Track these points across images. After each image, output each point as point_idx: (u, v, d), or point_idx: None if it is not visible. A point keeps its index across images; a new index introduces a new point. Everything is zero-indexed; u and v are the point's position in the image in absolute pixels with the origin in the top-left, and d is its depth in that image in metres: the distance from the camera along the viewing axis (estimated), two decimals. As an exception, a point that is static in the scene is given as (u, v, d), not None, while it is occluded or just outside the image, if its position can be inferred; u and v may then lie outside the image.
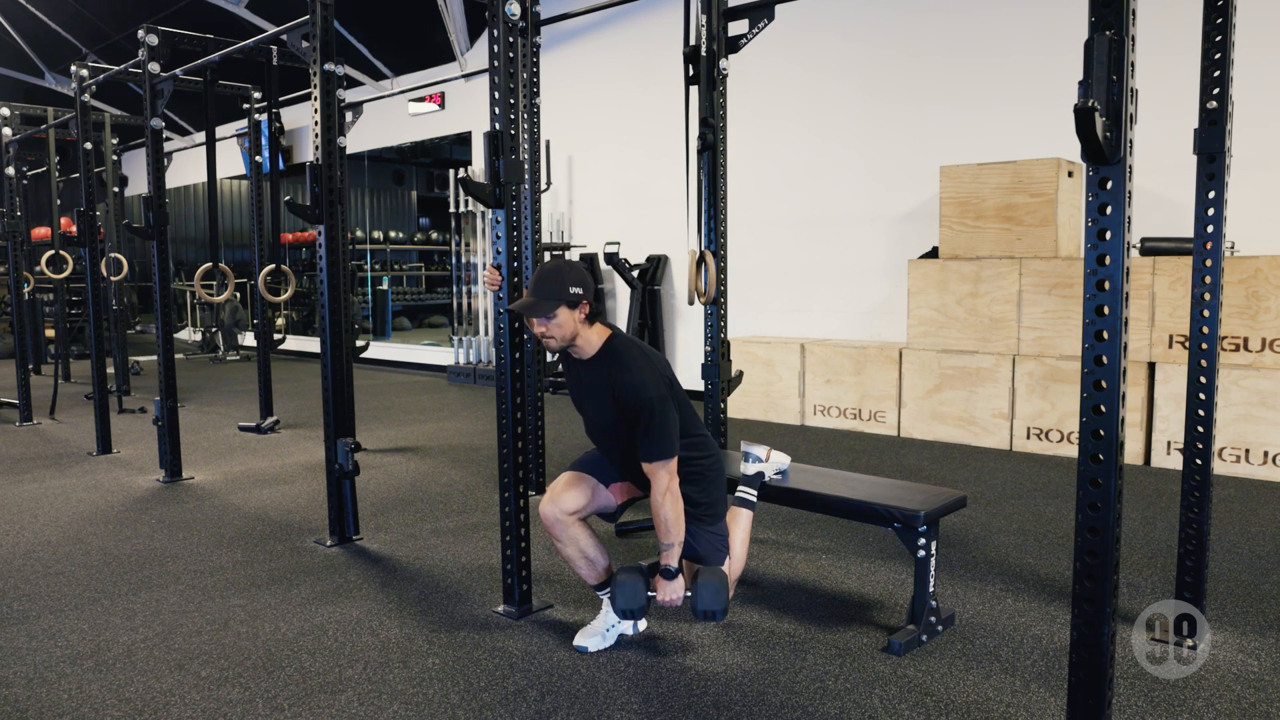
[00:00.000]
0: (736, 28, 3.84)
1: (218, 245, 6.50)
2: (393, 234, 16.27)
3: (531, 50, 4.49)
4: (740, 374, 4.08)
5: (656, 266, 8.08)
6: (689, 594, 2.73)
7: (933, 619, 2.90)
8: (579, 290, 2.72)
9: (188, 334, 14.80)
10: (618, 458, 2.93)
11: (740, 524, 3.07)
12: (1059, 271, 5.49)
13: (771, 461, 3.25)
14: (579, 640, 2.85)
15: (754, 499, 3.17)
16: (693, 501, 2.83)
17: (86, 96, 5.99)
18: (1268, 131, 5.16)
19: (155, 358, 6.96)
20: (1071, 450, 5.43)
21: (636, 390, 2.68)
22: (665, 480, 2.67)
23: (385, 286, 15.33)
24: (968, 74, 6.44)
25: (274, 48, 5.44)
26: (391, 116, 10.95)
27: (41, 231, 12.21)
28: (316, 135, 3.83)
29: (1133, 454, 5.26)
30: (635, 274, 8.01)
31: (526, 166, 4.53)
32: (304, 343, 11.91)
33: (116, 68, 5.65)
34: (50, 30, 11.98)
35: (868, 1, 6.94)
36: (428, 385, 9.36)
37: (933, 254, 6.16)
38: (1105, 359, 1.81)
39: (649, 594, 2.72)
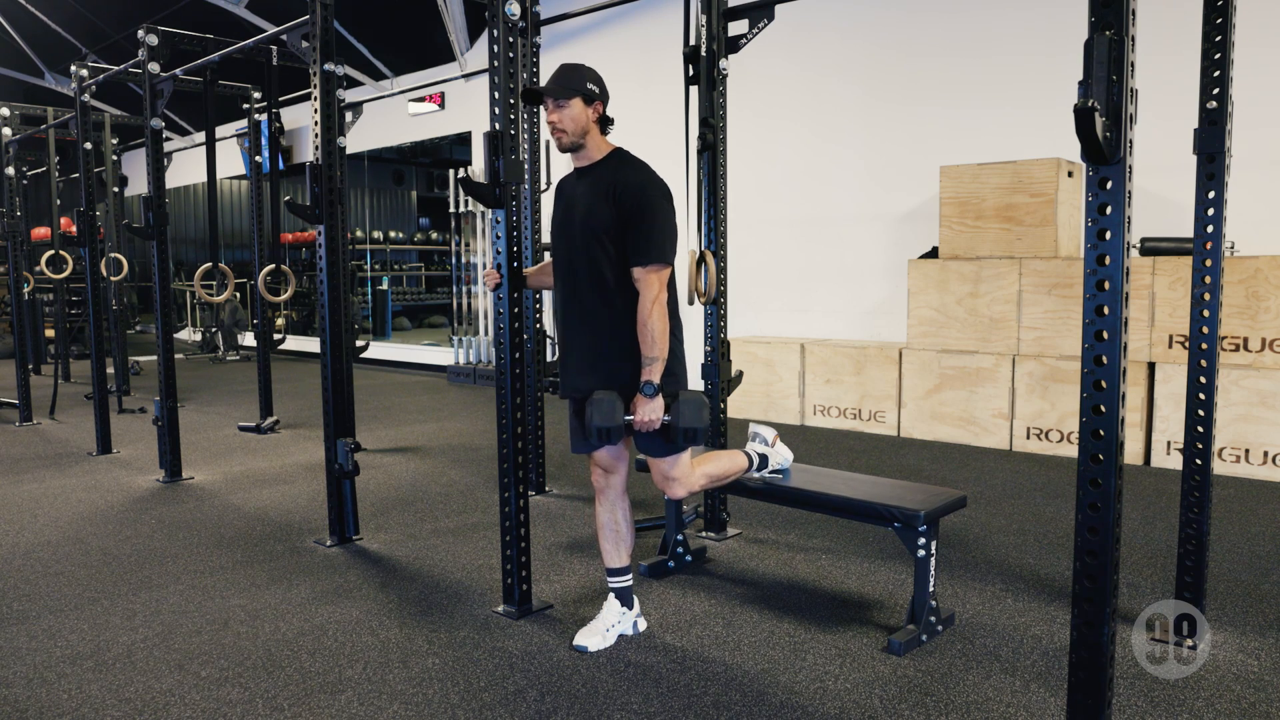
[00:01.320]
0: (736, 28, 3.84)
1: (218, 245, 6.50)
2: (393, 234, 16.28)
3: (531, 50, 4.50)
4: (740, 374, 4.08)
5: (656, 266, 8.07)
6: (668, 419, 2.65)
7: (933, 619, 2.90)
8: (595, 88, 2.70)
9: (188, 334, 14.80)
10: (591, 279, 2.71)
11: (734, 454, 3.10)
12: (1059, 271, 5.49)
13: (777, 449, 3.26)
14: (579, 640, 2.85)
15: (754, 458, 3.20)
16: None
17: (86, 96, 5.99)
18: (1268, 131, 5.15)
19: (155, 358, 6.97)
20: (1071, 450, 5.43)
21: (643, 188, 2.63)
22: (656, 289, 2.61)
23: (385, 286, 15.33)
24: (968, 74, 6.44)
25: (274, 48, 5.44)
26: (391, 116, 10.95)
27: (41, 231, 12.21)
28: (316, 135, 3.83)
29: (1133, 454, 5.26)
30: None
31: (526, 166, 4.53)
32: (304, 343, 11.91)
33: (116, 68, 5.65)
34: (50, 30, 11.99)
35: (867, 1, 6.94)
36: (428, 385, 9.36)
37: (933, 254, 6.16)
38: (1105, 359, 1.81)
39: (626, 416, 2.64)
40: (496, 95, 2.94)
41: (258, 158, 7.22)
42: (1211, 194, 2.73)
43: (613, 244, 2.66)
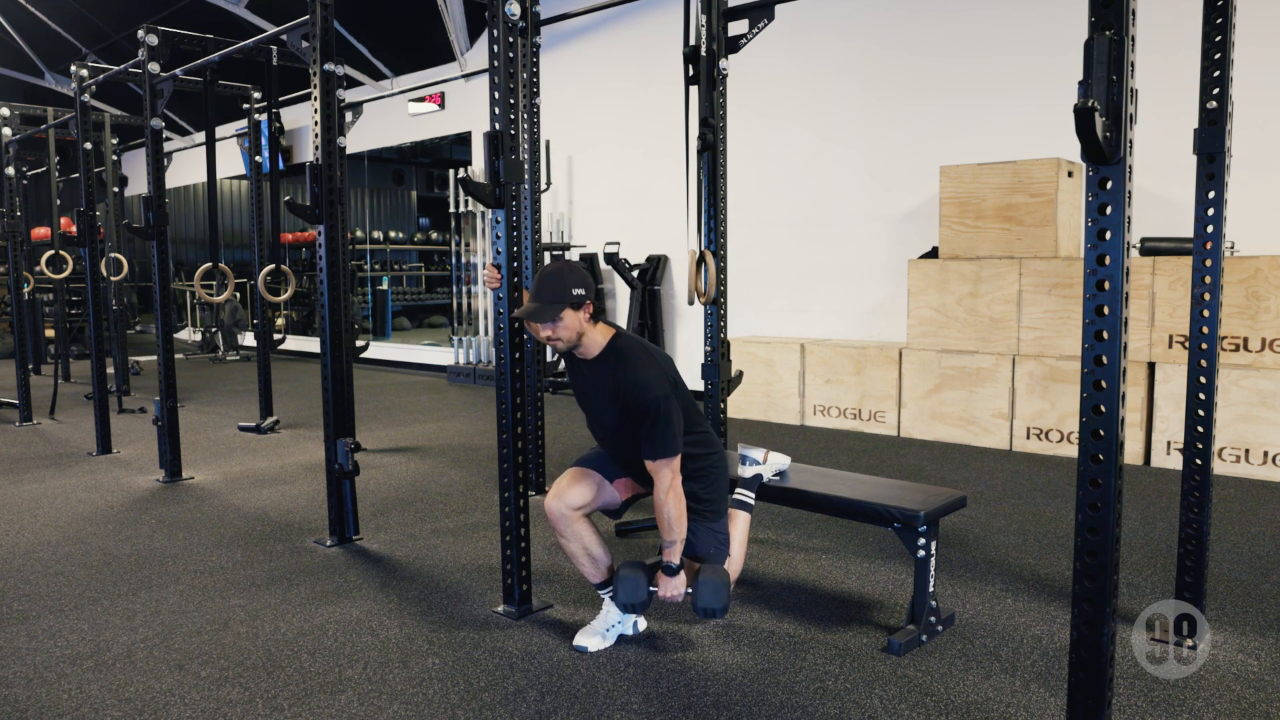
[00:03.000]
0: (736, 28, 3.84)
1: (218, 245, 6.50)
2: (393, 234, 16.27)
3: (531, 50, 4.49)
4: (740, 374, 4.08)
5: (656, 266, 8.07)
6: (690, 591, 2.76)
7: (933, 619, 2.90)
8: (581, 291, 2.73)
9: (188, 334, 14.80)
10: (621, 456, 2.95)
11: (738, 525, 3.08)
12: (1059, 271, 5.49)
13: (770, 463, 3.26)
14: (579, 640, 2.85)
15: (751, 501, 3.18)
16: (696, 498, 2.86)
17: (86, 96, 5.99)
18: (1268, 131, 5.15)
19: (155, 358, 6.97)
20: (1071, 450, 5.43)
21: (641, 390, 2.70)
22: (668, 479, 2.70)
23: (385, 286, 15.33)
24: (968, 74, 6.44)
25: (274, 48, 5.45)
26: (391, 116, 10.95)
27: (41, 231, 12.21)
28: (316, 135, 3.83)
29: (1133, 454, 5.26)
30: (635, 274, 8.01)
31: (526, 166, 4.53)
32: (304, 343, 11.91)
33: (116, 68, 5.65)
34: (50, 30, 11.98)
35: (868, 1, 6.94)
36: (428, 385, 9.36)
37: (933, 254, 6.16)
38: (1105, 359, 1.81)
39: (650, 589, 2.76)
40: (496, 95, 2.94)
41: (258, 158, 7.22)
42: (1211, 194, 2.73)
43: (630, 434, 2.79)
